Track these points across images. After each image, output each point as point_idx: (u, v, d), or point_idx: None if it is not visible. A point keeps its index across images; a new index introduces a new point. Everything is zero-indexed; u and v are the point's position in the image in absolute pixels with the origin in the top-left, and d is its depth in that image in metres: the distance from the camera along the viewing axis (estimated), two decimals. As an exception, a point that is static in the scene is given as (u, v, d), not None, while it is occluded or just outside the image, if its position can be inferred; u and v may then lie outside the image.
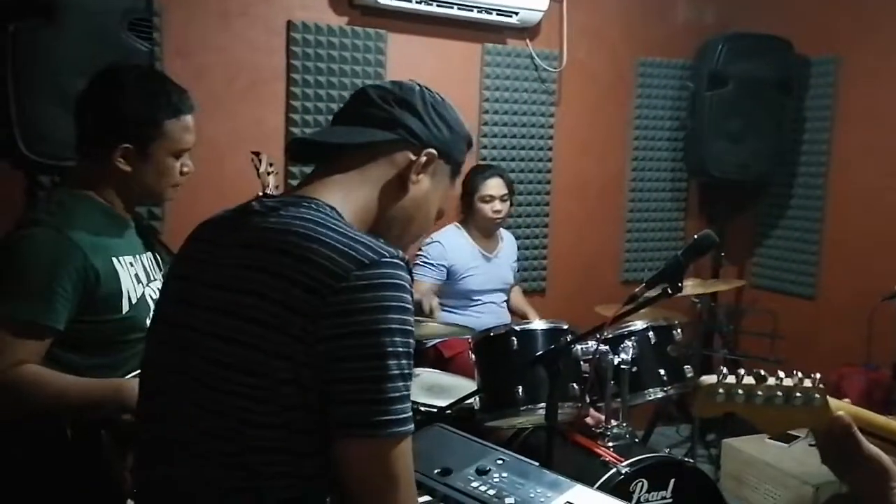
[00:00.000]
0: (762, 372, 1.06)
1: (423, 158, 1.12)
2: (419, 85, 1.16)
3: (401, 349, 0.94)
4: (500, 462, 1.45)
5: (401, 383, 0.94)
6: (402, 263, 0.97)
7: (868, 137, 3.53)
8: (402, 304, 0.95)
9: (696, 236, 1.78)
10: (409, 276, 0.98)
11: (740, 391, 1.04)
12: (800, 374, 1.07)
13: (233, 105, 3.12)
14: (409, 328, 0.96)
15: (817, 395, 1.06)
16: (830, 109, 3.69)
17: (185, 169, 1.73)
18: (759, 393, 1.04)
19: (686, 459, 2.40)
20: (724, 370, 1.06)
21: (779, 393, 1.04)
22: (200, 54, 3.09)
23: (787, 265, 3.93)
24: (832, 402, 1.08)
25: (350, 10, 3.25)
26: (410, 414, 0.96)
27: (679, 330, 2.69)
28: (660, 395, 2.64)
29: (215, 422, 0.98)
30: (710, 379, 1.05)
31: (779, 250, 3.99)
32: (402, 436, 0.94)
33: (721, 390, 1.04)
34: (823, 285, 3.76)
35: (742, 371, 1.06)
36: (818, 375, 1.07)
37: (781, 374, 1.07)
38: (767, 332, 3.75)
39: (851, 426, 1.07)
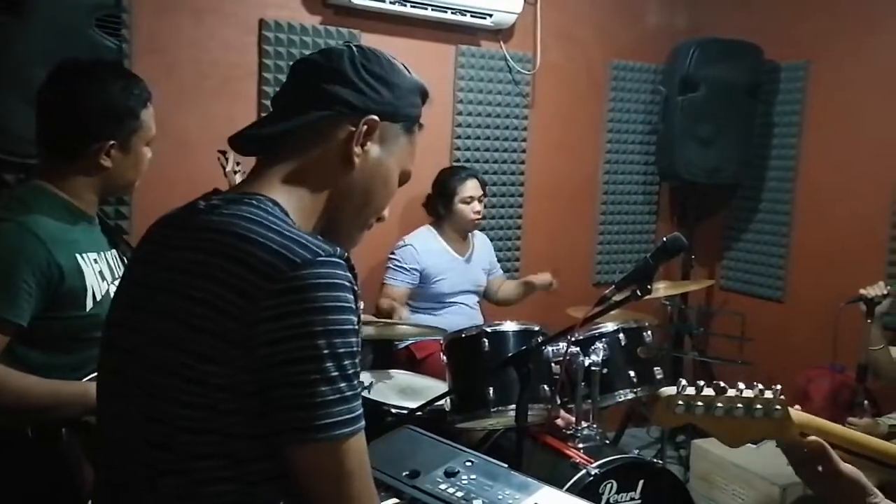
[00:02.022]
0: (722, 384, 1.06)
1: (364, 128, 1.06)
2: (349, 46, 1.08)
3: (341, 350, 0.91)
4: (468, 464, 1.44)
5: (342, 384, 0.91)
6: (340, 262, 0.94)
7: (836, 142, 3.59)
8: (340, 304, 0.92)
9: (665, 239, 1.79)
10: (349, 274, 0.95)
11: (700, 403, 1.05)
12: (760, 386, 1.08)
13: (204, 102, 3.09)
14: (349, 327, 0.93)
15: (778, 407, 1.07)
16: (799, 115, 3.75)
17: (149, 156, 1.74)
18: (719, 405, 1.05)
19: (655, 460, 2.42)
20: (684, 382, 1.06)
21: (739, 405, 1.05)
22: (171, 51, 3.05)
23: (756, 268, 3.98)
24: (793, 413, 1.10)
25: (323, 10, 3.24)
26: (357, 413, 0.93)
27: (649, 332, 2.71)
28: (630, 396, 2.66)
29: (155, 428, 0.97)
30: (669, 390, 1.06)
31: (748, 253, 4.04)
32: (348, 436, 0.92)
33: (681, 402, 1.05)
34: (791, 288, 3.81)
35: (702, 383, 1.06)
36: (779, 387, 1.08)
37: (742, 385, 1.08)
38: (737, 335, 3.79)
39: (826, 449, 1.10)
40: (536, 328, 2.50)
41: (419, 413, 2.33)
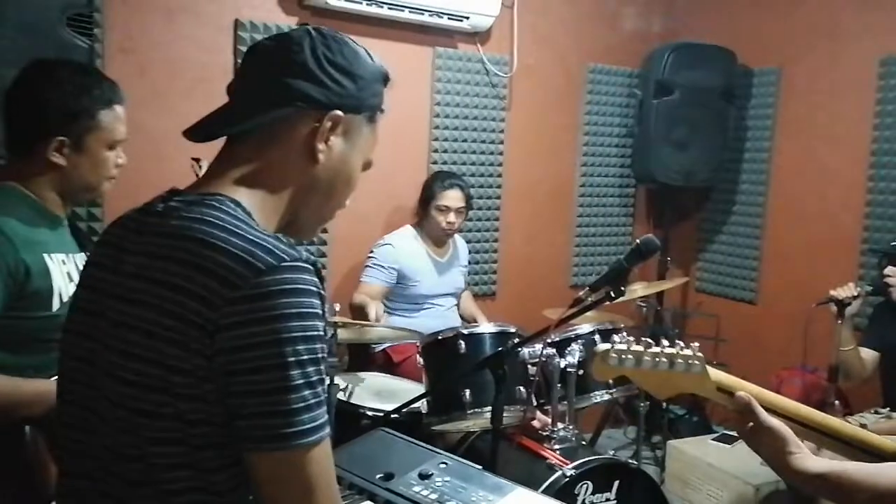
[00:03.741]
0: (649, 340, 1.21)
1: (328, 123, 1.02)
2: (309, 33, 1.03)
3: (305, 357, 0.89)
4: (442, 466, 1.44)
5: (307, 392, 0.90)
6: (305, 266, 0.92)
7: (807, 146, 3.64)
8: (305, 310, 0.90)
9: (638, 241, 1.81)
10: (315, 279, 0.93)
11: (630, 356, 1.18)
12: (682, 344, 1.21)
13: (177, 103, 3.06)
14: (315, 333, 0.91)
15: (696, 363, 1.20)
16: (772, 119, 3.80)
17: (120, 161, 1.70)
18: (647, 358, 1.18)
19: (630, 461, 2.43)
20: (617, 338, 1.20)
21: (663, 359, 1.18)
22: (144, 51, 3.02)
23: (730, 270, 4.03)
24: (711, 370, 1.21)
25: (300, 11, 3.22)
26: (322, 421, 0.92)
27: (624, 333, 2.71)
28: (606, 397, 2.68)
29: (119, 438, 0.95)
30: (604, 346, 1.20)
31: (722, 255, 4.08)
32: (313, 444, 0.91)
33: (613, 355, 1.18)
34: (764, 290, 3.86)
35: (631, 338, 1.20)
36: (697, 345, 1.21)
37: (666, 342, 1.21)
38: (711, 336, 3.83)
39: (751, 403, 1.20)
40: (513, 330, 2.50)
41: (395, 416, 2.33)
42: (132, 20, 3.00)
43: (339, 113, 1.03)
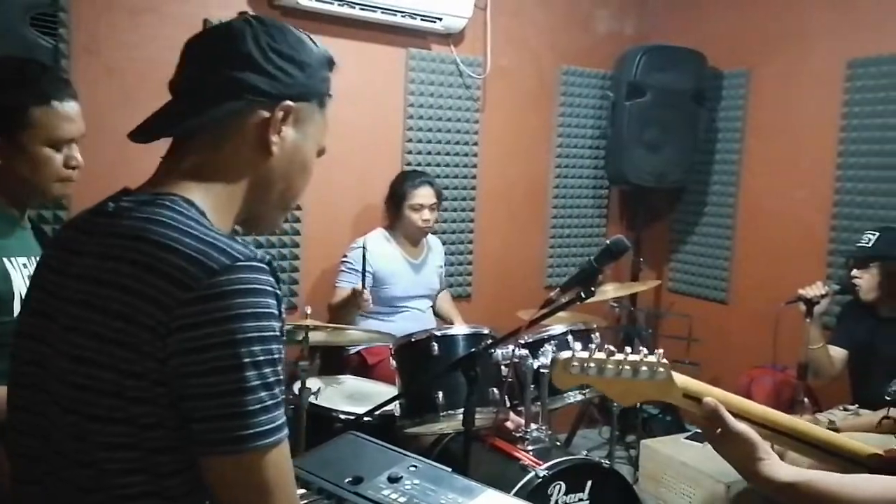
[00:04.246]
0: (611, 347, 1.18)
1: (280, 114, 1.00)
2: (249, 23, 1.01)
3: (261, 358, 0.88)
4: (412, 469, 1.43)
5: (263, 393, 0.88)
6: (260, 266, 0.90)
7: (776, 148, 3.69)
8: (260, 310, 0.88)
9: (608, 241, 1.82)
10: (270, 279, 0.91)
11: (592, 364, 1.16)
12: (645, 351, 1.19)
13: (144, 104, 2.94)
14: (271, 334, 0.89)
15: (661, 370, 1.17)
16: (741, 121, 3.84)
17: (73, 163, 1.64)
18: (609, 366, 1.16)
19: (603, 461, 2.44)
20: (578, 346, 1.17)
21: (626, 367, 1.16)
22: (111, 51, 2.98)
23: (702, 270, 4.06)
24: (677, 377, 1.20)
25: (270, 11, 3.20)
26: (280, 422, 0.91)
27: (597, 333, 2.74)
28: (579, 398, 2.70)
29: (71, 444, 0.93)
30: (566, 354, 1.17)
31: (694, 256, 4.12)
32: (270, 447, 0.89)
33: (575, 363, 1.16)
34: (735, 290, 3.90)
35: (594, 346, 1.17)
36: (661, 351, 1.19)
37: (629, 349, 1.18)
38: (684, 336, 3.86)
39: (718, 409, 1.18)
40: (486, 331, 2.50)
41: (368, 419, 2.31)
42: (99, 20, 2.95)
43: (290, 103, 1.01)
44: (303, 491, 1.40)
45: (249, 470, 0.89)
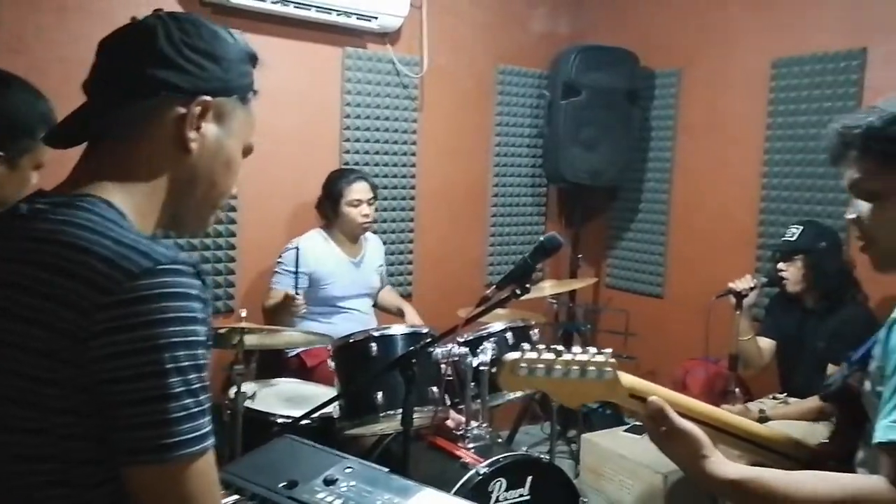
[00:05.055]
0: (560, 347, 1.16)
1: (196, 110, 0.98)
2: (161, 18, 0.99)
3: (185, 364, 0.85)
4: (348, 471, 1.42)
5: (188, 400, 0.86)
6: (183, 269, 0.88)
7: (706, 146, 3.79)
8: (184, 315, 0.86)
9: (542, 238, 1.84)
10: (195, 282, 0.89)
11: (541, 366, 1.14)
12: (593, 350, 1.18)
13: (72, 104, 2.89)
14: (195, 339, 0.87)
15: (608, 370, 1.17)
16: (673, 119, 3.94)
17: (34, 181, 1.59)
18: (558, 367, 1.14)
19: (542, 456, 2.46)
20: (526, 346, 1.14)
21: (575, 367, 1.15)
22: (36, 51, 2.87)
23: (639, 266, 4.15)
24: (622, 376, 1.19)
25: (200, 8, 3.12)
26: (205, 430, 0.88)
27: (536, 330, 2.77)
28: (519, 394, 2.71)
29: None
30: (514, 355, 1.13)
31: (630, 252, 4.21)
32: (195, 455, 0.87)
33: (523, 365, 1.13)
34: (670, 285, 4.00)
35: (542, 346, 1.14)
36: (609, 350, 1.18)
37: (577, 349, 1.17)
38: (621, 331, 3.94)
39: (664, 408, 1.19)
40: (425, 330, 2.50)
41: (306, 421, 2.29)
42: (22, 19, 2.84)
43: (207, 98, 0.99)
44: (236, 497, 1.38)
45: (173, 480, 0.86)
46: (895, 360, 1.08)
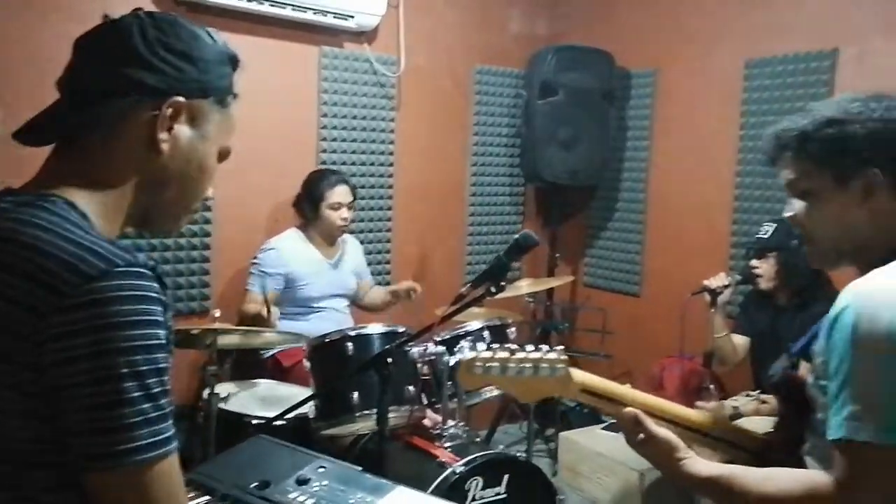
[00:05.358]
0: (514, 346, 1.22)
1: (168, 111, 0.97)
2: (139, 17, 0.98)
3: (143, 368, 0.84)
4: (321, 470, 1.41)
5: (147, 405, 0.85)
6: (142, 271, 0.87)
7: (682, 145, 3.82)
8: (142, 318, 0.85)
9: (516, 236, 1.84)
10: (154, 284, 0.88)
11: (496, 364, 1.20)
12: (546, 347, 1.24)
13: (43, 103, 2.86)
14: (154, 342, 0.86)
15: (560, 366, 1.23)
16: (649, 119, 3.97)
17: None
18: (512, 365, 1.20)
19: (519, 455, 2.47)
20: (482, 346, 1.21)
21: (528, 364, 1.21)
22: (4, 48, 2.83)
23: (616, 265, 4.17)
24: (574, 372, 1.26)
25: (175, 6, 3.09)
26: (166, 435, 0.87)
27: (513, 329, 2.78)
28: (496, 393, 2.72)
29: None
30: (469, 354, 1.21)
31: (607, 251, 4.23)
32: (154, 460, 0.85)
33: (479, 363, 1.20)
34: (647, 283, 4.03)
35: (496, 345, 1.21)
36: (561, 347, 1.24)
37: (530, 347, 1.22)
38: (599, 329, 3.96)
39: (638, 416, 1.25)
40: (401, 330, 2.50)
41: (281, 422, 2.27)
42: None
43: (180, 99, 0.97)
44: (206, 498, 1.36)
45: (133, 485, 0.85)
46: (838, 356, 1.11)
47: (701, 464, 1.24)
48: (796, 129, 1.28)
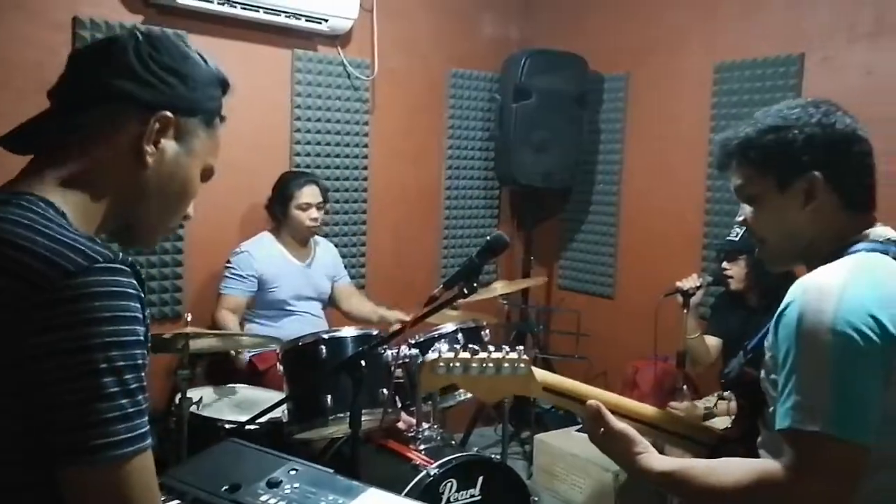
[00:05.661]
0: (476, 347, 1.25)
1: (156, 125, 0.98)
2: (135, 35, 1.00)
3: (120, 363, 0.85)
4: (292, 472, 1.40)
5: (124, 401, 0.85)
6: (121, 267, 0.87)
7: (654, 148, 3.86)
8: (120, 314, 0.85)
9: (488, 238, 1.85)
10: (132, 281, 0.88)
11: (458, 364, 1.22)
12: (507, 348, 1.26)
13: (9, 108, 2.81)
14: (132, 339, 0.86)
15: (522, 366, 1.25)
16: (622, 122, 4.00)
17: None
18: (474, 365, 1.22)
19: (493, 457, 2.48)
20: (444, 347, 1.22)
21: (490, 364, 1.23)
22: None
23: (590, 267, 4.20)
24: (536, 371, 1.28)
25: (145, 9, 3.06)
26: (141, 431, 0.87)
27: (487, 331, 2.78)
28: (469, 395, 2.71)
29: None
30: (432, 355, 1.22)
31: (581, 253, 4.25)
32: (130, 456, 0.85)
33: (441, 364, 1.21)
34: (621, 285, 4.06)
35: (458, 346, 1.23)
36: (522, 348, 1.26)
37: (492, 348, 1.24)
38: (573, 331, 3.98)
39: (600, 410, 1.27)
40: (374, 332, 2.49)
41: (254, 426, 2.26)
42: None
43: (168, 114, 0.99)
44: (177, 501, 1.35)
45: (109, 481, 0.85)
46: (784, 350, 1.14)
47: (657, 458, 1.26)
48: (739, 137, 1.32)
